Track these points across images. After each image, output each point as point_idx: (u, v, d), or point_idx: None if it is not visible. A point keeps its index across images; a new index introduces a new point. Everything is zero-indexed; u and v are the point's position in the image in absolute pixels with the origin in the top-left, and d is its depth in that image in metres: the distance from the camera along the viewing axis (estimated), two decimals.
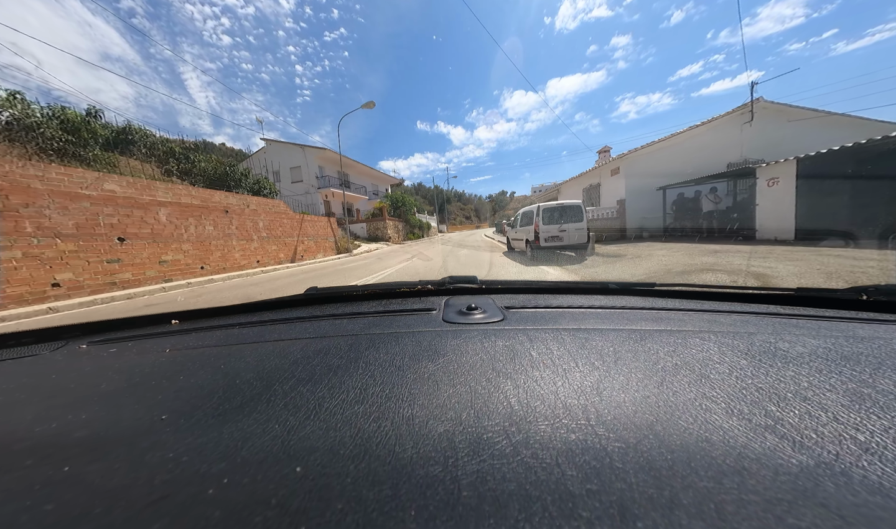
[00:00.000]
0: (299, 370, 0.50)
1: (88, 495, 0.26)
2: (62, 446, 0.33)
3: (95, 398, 0.44)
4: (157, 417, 0.38)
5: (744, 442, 0.31)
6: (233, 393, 0.44)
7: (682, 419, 0.34)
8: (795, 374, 0.43)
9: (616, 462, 0.28)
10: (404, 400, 0.40)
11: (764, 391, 0.39)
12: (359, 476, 0.28)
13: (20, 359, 0.64)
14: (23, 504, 0.26)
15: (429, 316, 0.81)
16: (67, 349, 0.68)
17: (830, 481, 0.26)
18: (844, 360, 0.47)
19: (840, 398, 0.37)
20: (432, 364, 0.50)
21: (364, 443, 0.32)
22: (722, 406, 0.37)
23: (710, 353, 0.51)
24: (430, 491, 0.26)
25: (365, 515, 0.24)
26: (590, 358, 0.50)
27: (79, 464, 0.30)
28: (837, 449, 0.30)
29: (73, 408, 0.41)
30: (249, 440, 0.33)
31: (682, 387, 0.41)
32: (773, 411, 0.35)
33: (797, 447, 0.30)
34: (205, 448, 0.32)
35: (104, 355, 0.63)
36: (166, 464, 0.30)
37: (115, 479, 0.28)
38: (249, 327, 0.80)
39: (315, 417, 0.37)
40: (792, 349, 0.51)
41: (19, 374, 0.55)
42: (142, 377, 0.51)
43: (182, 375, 0.50)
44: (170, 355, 0.61)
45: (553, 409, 0.37)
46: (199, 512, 0.24)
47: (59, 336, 0.76)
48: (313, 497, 0.25)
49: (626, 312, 0.81)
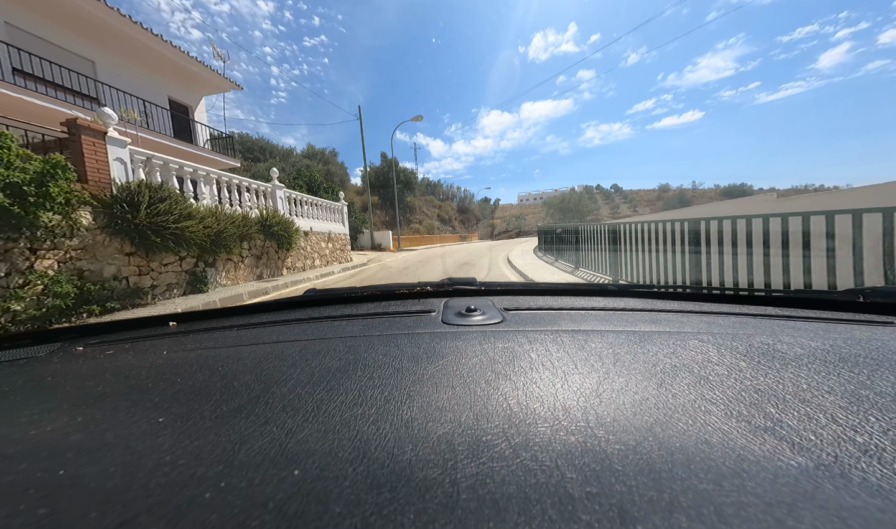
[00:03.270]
0: (297, 372, 0.50)
1: (84, 499, 0.26)
2: (58, 449, 0.33)
3: (91, 400, 0.44)
4: (154, 419, 0.38)
5: (743, 444, 0.31)
6: (230, 396, 0.43)
7: (681, 421, 0.34)
8: (794, 376, 0.43)
9: (616, 465, 0.28)
10: (403, 402, 0.40)
11: (763, 392, 0.40)
12: (357, 478, 0.27)
13: (15, 361, 0.63)
14: (16, 509, 0.25)
15: (428, 318, 0.81)
16: (63, 351, 0.67)
17: (830, 483, 0.26)
18: (843, 362, 0.47)
19: (838, 400, 0.37)
20: (431, 366, 0.50)
21: (363, 446, 0.32)
22: (721, 408, 0.37)
23: (709, 355, 0.51)
24: (429, 494, 0.25)
25: (363, 518, 0.23)
26: (589, 360, 0.50)
27: (74, 467, 0.30)
28: (836, 451, 0.30)
29: (69, 411, 0.41)
30: (247, 443, 0.33)
31: (682, 389, 0.41)
32: (773, 412, 0.35)
33: (796, 448, 0.30)
34: (202, 451, 0.32)
35: (101, 357, 0.63)
36: (163, 467, 0.30)
37: (112, 482, 0.28)
38: (247, 329, 0.80)
39: (313, 419, 0.37)
40: (790, 350, 0.51)
41: (14, 376, 0.54)
42: (139, 379, 0.50)
43: (179, 377, 0.50)
44: (167, 357, 0.60)
45: (552, 411, 0.37)
46: (196, 516, 0.24)
47: (56, 338, 0.75)
48: (311, 501, 0.25)
49: (625, 313, 0.81)
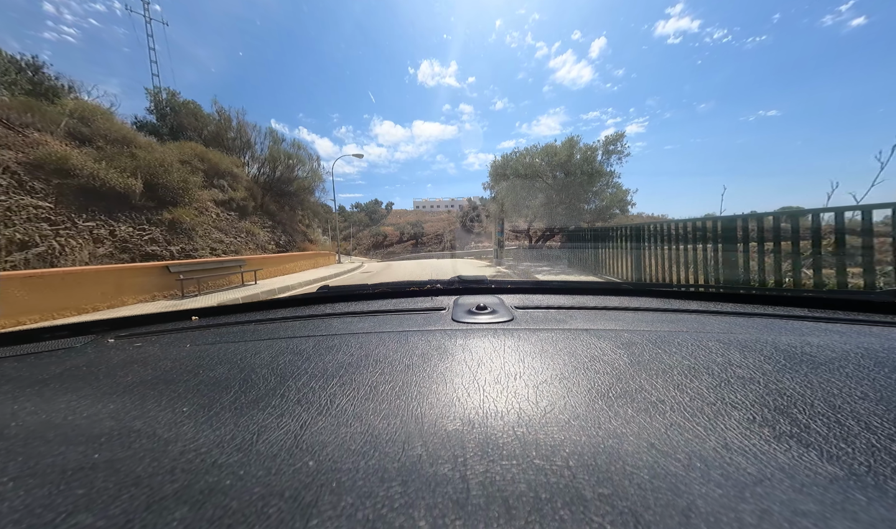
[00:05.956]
0: (311, 366, 0.51)
1: (116, 481, 0.28)
2: (93, 434, 0.35)
3: (122, 389, 0.46)
4: (179, 409, 0.40)
5: (766, 450, 0.29)
6: (249, 388, 0.45)
7: (699, 425, 0.33)
8: (824, 380, 0.41)
9: (629, 467, 0.27)
10: (414, 398, 0.40)
11: (789, 397, 0.38)
12: (369, 471, 0.28)
13: (55, 352, 0.67)
14: (57, 488, 0.27)
15: (438, 315, 0.81)
16: (96, 343, 0.71)
17: (862, 493, 0.25)
18: (879, 366, 0.44)
19: (873, 407, 0.35)
20: (442, 363, 0.50)
21: (374, 440, 0.32)
22: (743, 412, 0.35)
23: (731, 356, 0.49)
24: (439, 490, 0.26)
25: (375, 510, 0.24)
26: (602, 360, 0.49)
27: (108, 452, 0.32)
28: (870, 461, 0.28)
29: (102, 399, 0.43)
30: (264, 434, 0.34)
31: (700, 391, 0.40)
32: (800, 418, 0.34)
33: (825, 457, 0.28)
34: (222, 440, 0.33)
35: (130, 348, 0.66)
36: (187, 454, 0.31)
37: (141, 467, 0.29)
38: (264, 323, 0.83)
39: (327, 412, 0.38)
40: (820, 353, 0.49)
41: (53, 365, 0.58)
42: (164, 370, 0.53)
43: (201, 369, 0.52)
44: (190, 349, 0.63)
45: (564, 411, 0.36)
46: (217, 501, 0.25)
47: (89, 330, 0.80)
48: (325, 491, 0.26)
49: (642, 313, 0.79)
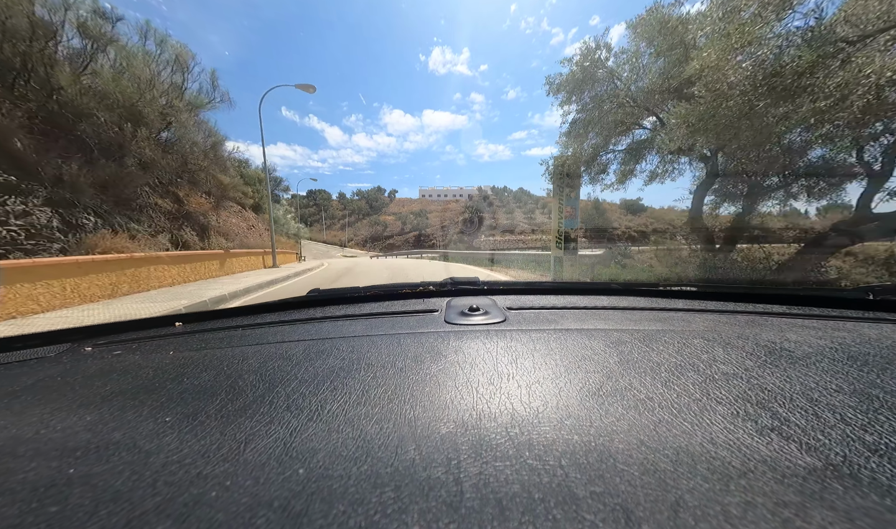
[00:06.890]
0: (301, 371, 0.50)
1: (93, 496, 0.26)
2: (67, 448, 0.33)
3: (100, 400, 0.44)
4: (161, 419, 0.38)
5: (749, 444, 0.30)
6: (235, 395, 0.44)
7: (686, 421, 0.34)
8: (802, 375, 0.43)
9: (620, 464, 0.28)
10: (406, 402, 0.40)
11: (770, 391, 0.39)
12: (361, 477, 0.27)
13: (26, 362, 0.64)
14: (28, 507, 0.26)
15: (431, 317, 0.81)
16: (72, 352, 0.68)
17: (839, 483, 0.26)
18: (852, 360, 0.46)
19: (847, 399, 0.37)
20: (434, 366, 0.50)
21: (366, 445, 0.32)
22: (727, 407, 0.36)
23: (715, 353, 0.50)
24: (432, 493, 0.25)
25: (367, 517, 0.23)
26: (593, 359, 0.50)
27: (84, 466, 0.30)
28: (846, 451, 0.29)
29: (78, 410, 0.42)
30: (252, 442, 0.33)
31: (687, 388, 0.41)
32: (780, 412, 0.35)
33: (804, 448, 0.30)
34: (208, 450, 0.32)
35: (108, 357, 0.64)
36: (170, 466, 0.30)
37: (120, 481, 0.28)
38: (251, 329, 0.81)
39: (317, 418, 0.37)
40: (798, 349, 0.51)
41: (25, 376, 0.55)
42: (146, 379, 0.51)
43: (185, 377, 0.51)
44: (173, 357, 0.61)
45: (556, 410, 0.36)
46: (202, 514, 0.24)
47: (64, 339, 0.76)
48: (316, 499, 0.25)
49: (630, 312, 0.81)
